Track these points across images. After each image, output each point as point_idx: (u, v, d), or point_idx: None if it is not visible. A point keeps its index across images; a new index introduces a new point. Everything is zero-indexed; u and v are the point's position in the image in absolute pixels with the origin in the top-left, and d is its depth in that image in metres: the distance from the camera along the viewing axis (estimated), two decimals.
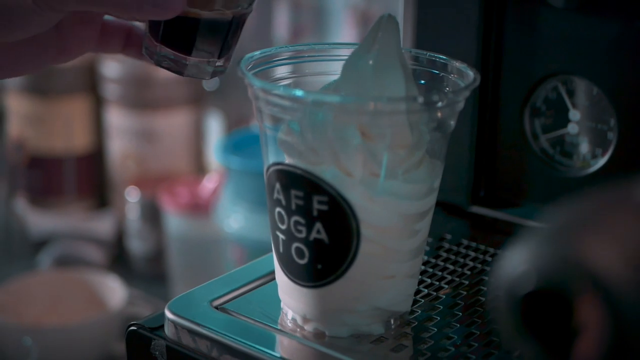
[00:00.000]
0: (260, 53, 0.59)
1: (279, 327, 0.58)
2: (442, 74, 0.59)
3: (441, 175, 0.57)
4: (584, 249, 0.31)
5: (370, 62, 0.54)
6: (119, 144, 1.47)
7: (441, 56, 0.59)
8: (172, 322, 0.59)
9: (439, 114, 0.55)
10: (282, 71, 0.60)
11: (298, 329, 0.58)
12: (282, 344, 0.57)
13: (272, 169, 0.56)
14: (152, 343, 0.59)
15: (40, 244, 1.43)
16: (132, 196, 1.40)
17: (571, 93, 0.69)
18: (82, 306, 1.19)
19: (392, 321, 0.58)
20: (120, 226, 1.46)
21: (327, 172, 0.53)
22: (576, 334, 0.33)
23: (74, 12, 0.58)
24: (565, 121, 0.70)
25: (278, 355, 0.56)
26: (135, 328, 0.60)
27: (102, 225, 1.45)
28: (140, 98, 1.44)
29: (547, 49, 0.69)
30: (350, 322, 0.56)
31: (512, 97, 0.71)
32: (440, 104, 0.55)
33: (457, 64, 0.58)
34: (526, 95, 0.70)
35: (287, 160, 0.55)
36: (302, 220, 0.55)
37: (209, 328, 0.58)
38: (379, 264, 0.55)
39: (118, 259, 1.45)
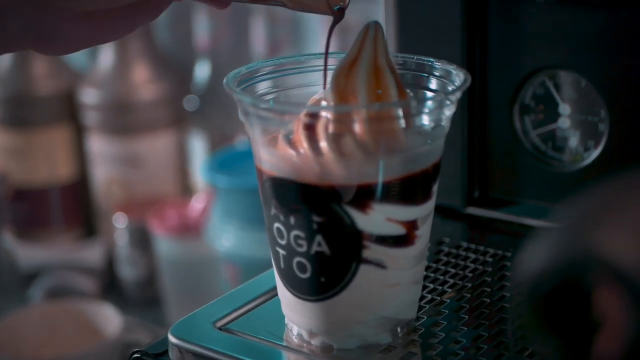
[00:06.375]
0: (246, 68, 0.58)
1: (285, 343, 0.57)
2: (431, 77, 0.58)
3: (438, 179, 0.57)
4: (601, 241, 0.31)
5: (360, 69, 0.54)
6: (103, 171, 1.45)
7: (429, 59, 0.59)
8: (177, 346, 0.58)
9: (432, 117, 0.54)
10: (266, 85, 0.60)
11: (305, 344, 0.57)
12: None
13: (267, 184, 0.55)
14: None
15: (30, 277, 1.41)
16: (120, 222, 1.39)
17: (559, 87, 0.69)
18: (78, 336, 1.18)
19: (399, 329, 0.57)
20: (110, 253, 1.45)
21: (323, 182, 0.53)
22: (598, 327, 0.32)
23: None
24: (556, 116, 0.69)
25: None
26: (139, 355, 0.59)
27: (92, 253, 1.44)
28: (121, 123, 1.42)
29: (532, 45, 0.68)
30: (357, 333, 0.56)
31: (500, 95, 0.70)
32: (432, 107, 0.54)
33: (446, 66, 0.58)
34: (514, 92, 0.70)
35: (282, 173, 0.54)
36: (302, 234, 0.54)
37: (214, 350, 0.57)
38: (383, 272, 0.55)
39: (110, 286, 1.44)
